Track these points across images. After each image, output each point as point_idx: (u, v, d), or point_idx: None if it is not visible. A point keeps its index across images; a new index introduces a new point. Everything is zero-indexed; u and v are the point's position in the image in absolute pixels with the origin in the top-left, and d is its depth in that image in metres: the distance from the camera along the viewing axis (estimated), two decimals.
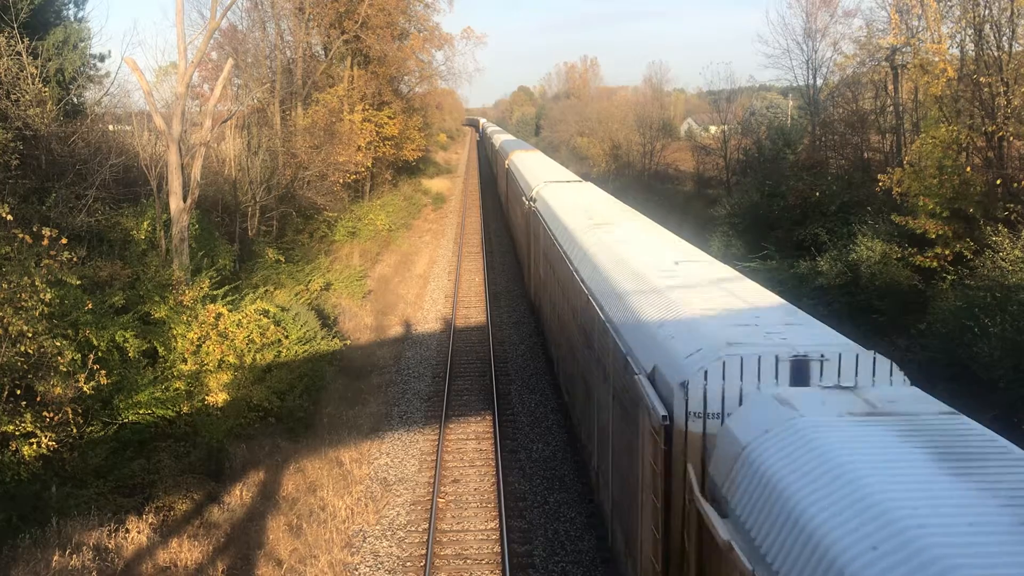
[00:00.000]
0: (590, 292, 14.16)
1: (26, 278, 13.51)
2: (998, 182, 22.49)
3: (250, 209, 28.96)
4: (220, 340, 17.85)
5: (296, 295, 24.71)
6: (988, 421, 6.60)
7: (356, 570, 13.10)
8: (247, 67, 38.76)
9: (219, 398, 17.10)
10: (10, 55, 19.86)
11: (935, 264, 23.26)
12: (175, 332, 17.55)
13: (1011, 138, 22.81)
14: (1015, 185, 22.04)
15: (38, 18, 21.92)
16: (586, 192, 23.97)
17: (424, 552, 13.49)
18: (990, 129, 22.91)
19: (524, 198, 28.49)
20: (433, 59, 55.39)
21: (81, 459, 14.06)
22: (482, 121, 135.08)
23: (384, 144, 47.95)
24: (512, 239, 39.67)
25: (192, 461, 15.46)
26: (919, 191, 23.99)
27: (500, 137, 70.85)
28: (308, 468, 16.34)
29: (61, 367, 13.77)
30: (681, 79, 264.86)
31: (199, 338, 17.66)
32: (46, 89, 20.84)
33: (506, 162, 44.87)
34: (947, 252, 23.18)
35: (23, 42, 20.16)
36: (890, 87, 34.98)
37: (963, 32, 24.94)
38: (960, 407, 7.14)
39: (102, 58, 25.92)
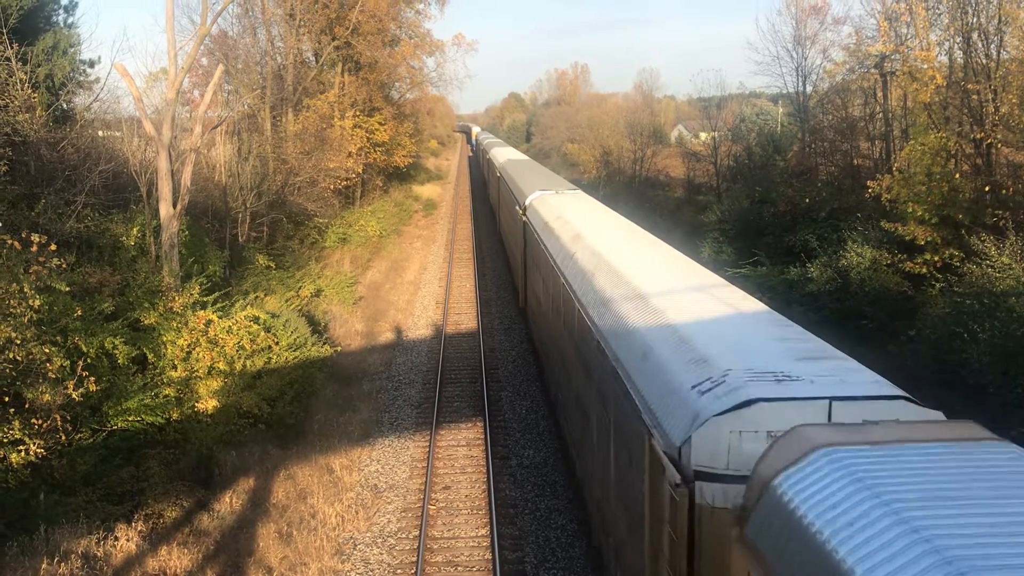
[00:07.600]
0: (592, 320, 12.86)
1: (15, 284, 13.44)
2: (986, 189, 22.63)
3: (240, 215, 28.88)
4: (210, 347, 17.79)
5: (287, 301, 24.65)
6: None
7: None
8: (237, 73, 38.72)
9: (209, 405, 17.02)
10: None
11: (924, 270, 23.37)
12: (165, 339, 17.49)
13: (999, 145, 22.98)
14: (1003, 192, 22.19)
15: (27, 24, 21.86)
16: (580, 203, 23.88)
17: (415, 559, 13.44)
18: (978, 136, 23.06)
19: (517, 208, 28.43)
20: (424, 65, 55.55)
21: (70, 466, 13.96)
22: (475, 130, 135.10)
23: (375, 150, 47.92)
24: (504, 247, 39.63)
25: (182, 468, 15.39)
26: (908, 198, 24.10)
27: (493, 146, 70.93)
28: (298, 475, 16.27)
29: (50, 374, 13.70)
30: (671, 86, 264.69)
31: (189, 345, 17.60)
32: (35, 95, 20.79)
33: (498, 171, 44.86)
34: (936, 258, 23.30)
35: (12, 47, 20.10)
36: (879, 94, 35.17)
37: (951, 40, 25.13)
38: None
39: (92, 64, 25.90)
